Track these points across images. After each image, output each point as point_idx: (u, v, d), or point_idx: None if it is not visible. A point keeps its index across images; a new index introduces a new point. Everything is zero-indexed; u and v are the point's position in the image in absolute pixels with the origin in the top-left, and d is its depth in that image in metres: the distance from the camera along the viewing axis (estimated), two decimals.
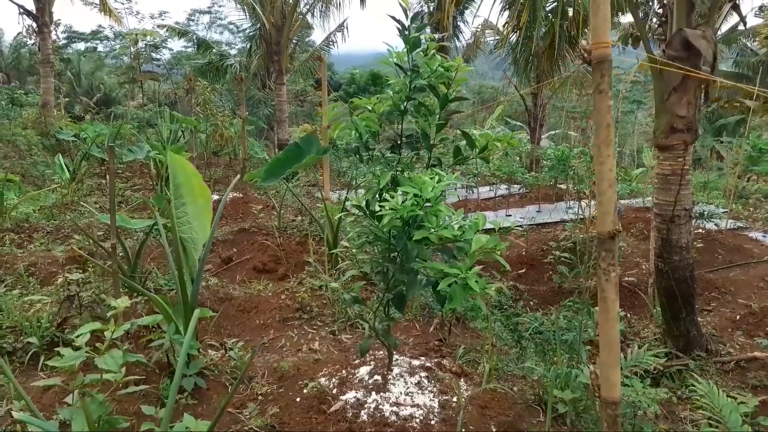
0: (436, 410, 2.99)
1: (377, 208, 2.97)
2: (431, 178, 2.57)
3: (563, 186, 12.94)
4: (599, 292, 2.31)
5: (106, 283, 4.44)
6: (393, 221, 2.48)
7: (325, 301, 4.93)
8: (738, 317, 6.59)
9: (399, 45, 2.97)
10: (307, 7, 16.41)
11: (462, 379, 3.32)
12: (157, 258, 5.97)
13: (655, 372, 4.89)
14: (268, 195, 9.75)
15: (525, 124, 19.13)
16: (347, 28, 18.93)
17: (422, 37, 2.83)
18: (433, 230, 2.47)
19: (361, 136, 3.11)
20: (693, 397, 4.59)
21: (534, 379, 3.55)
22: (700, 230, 9.12)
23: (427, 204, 2.54)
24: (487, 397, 3.17)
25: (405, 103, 2.89)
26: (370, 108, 3.08)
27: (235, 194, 9.33)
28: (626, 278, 7.62)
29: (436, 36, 2.90)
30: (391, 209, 2.49)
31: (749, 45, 21.60)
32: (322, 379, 3.33)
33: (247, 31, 18.27)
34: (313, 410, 3.06)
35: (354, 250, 5.22)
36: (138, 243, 6.09)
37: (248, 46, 17.98)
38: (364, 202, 3.06)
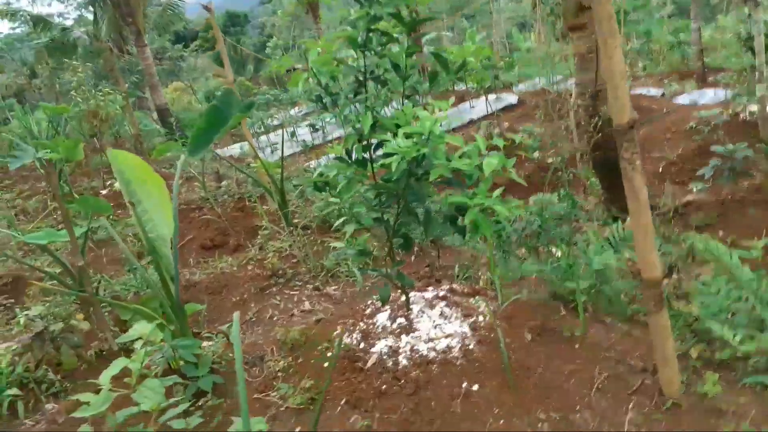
0: (469, 335, 2.99)
1: (361, 156, 2.80)
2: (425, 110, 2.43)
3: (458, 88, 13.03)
4: (626, 182, 2.32)
5: (60, 307, 4.00)
6: (401, 165, 2.33)
7: (294, 260, 4.74)
8: (660, 169, 7.11)
9: None
10: None
11: (478, 298, 3.33)
12: (92, 263, 5.45)
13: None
14: (175, 165, 9.09)
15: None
16: None
17: None
18: (445, 165, 2.35)
19: (320, 82, 2.86)
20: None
21: (537, 278, 3.64)
22: None
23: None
24: (509, 308, 3.21)
25: (366, 35, 2.66)
26: (319, 50, 2.83)
27: None
28: (549, 160, 7.93)
29: None
30: (395, 153, 2.33)
31: None
32: (342, 337, 3.22)
33: None
34: (348, 371, 2.96)
35: (319, 201, 5.02)
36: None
37: (93, 13, 16.14)
38: (343, 152, 2.87)
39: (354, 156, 2.86)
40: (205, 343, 3.69)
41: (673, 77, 12.70)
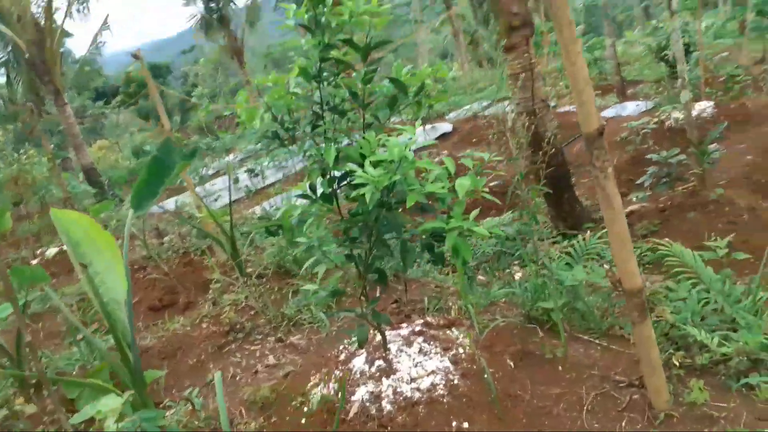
0: (451, 369, 2.88)
1: (326, 189, 2.71)
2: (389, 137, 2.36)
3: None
4: (599, 191, 2.31)
5: None
6: (374, 196, 2.24)
7: (252, 312, 4.52)
8: None
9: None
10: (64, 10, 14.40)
11: (455, 329, 3.23)
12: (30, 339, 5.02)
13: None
14: (109, 226, 8.64)
15: None
16: (109, 26, 17.03)
17: None
18: (419, 190, 2.28)
19: (275, 117, 2.76)
20: None
21: (507, 301, 3.59)
22: None
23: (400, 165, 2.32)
24: (487, 337, 3.13)
25: (319, 65, 2.59)
26: (271, 84, 2.75)
27: None
28: (492, 183, 8.03)
29: None
30: (366, 184, 2.24)
31: None
32: (318, 389, 3.04)
33: None
34: (329, 424, 2.79)
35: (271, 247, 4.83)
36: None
37: (6, 75, 15.43)
38: (308, 188, 2.76)
39: (320, 191, 2.75)
40: (167, 413, 3.43)
41: (595, 93, 13.27)
